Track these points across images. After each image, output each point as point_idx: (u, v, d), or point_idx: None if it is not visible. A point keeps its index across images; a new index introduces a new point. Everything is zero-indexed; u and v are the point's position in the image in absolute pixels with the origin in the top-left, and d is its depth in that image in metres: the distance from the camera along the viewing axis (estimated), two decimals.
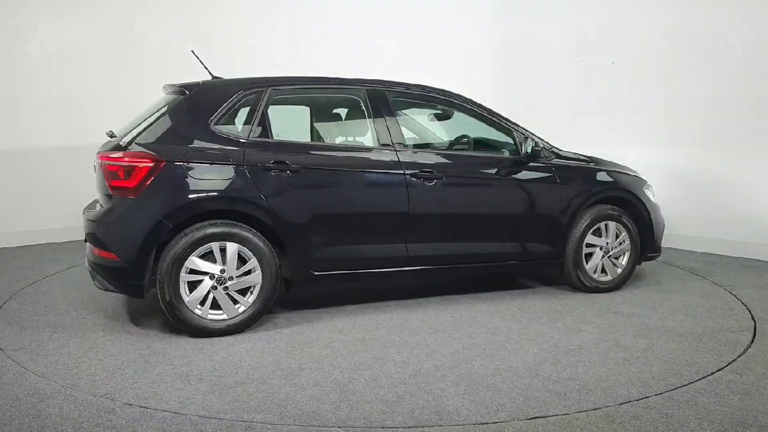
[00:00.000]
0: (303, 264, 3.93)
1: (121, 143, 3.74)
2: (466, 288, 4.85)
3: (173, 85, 3.98)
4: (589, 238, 4.72)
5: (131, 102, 4.21)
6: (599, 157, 5.12)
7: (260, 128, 3.90)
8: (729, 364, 3.38)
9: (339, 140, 4.54)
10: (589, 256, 4.75)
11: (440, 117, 4.93)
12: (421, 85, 4.48)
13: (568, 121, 7.14)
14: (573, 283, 4.78)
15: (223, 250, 3.70)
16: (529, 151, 4.42)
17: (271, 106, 4.04)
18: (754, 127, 6.01)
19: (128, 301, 4.34)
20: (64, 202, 3.93)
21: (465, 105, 4.54)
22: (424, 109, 4.78)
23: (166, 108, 3.86)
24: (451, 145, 4.78)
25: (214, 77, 4.25)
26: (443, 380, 3.11)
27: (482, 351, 3.53)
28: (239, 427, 2.57)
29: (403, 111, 4.62)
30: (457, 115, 4.65)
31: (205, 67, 4.30)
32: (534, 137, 4.56)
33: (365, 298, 4.54)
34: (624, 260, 4.88)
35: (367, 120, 4.22)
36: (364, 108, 4.23)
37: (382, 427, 2.62)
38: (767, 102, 5.89)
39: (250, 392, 2.95)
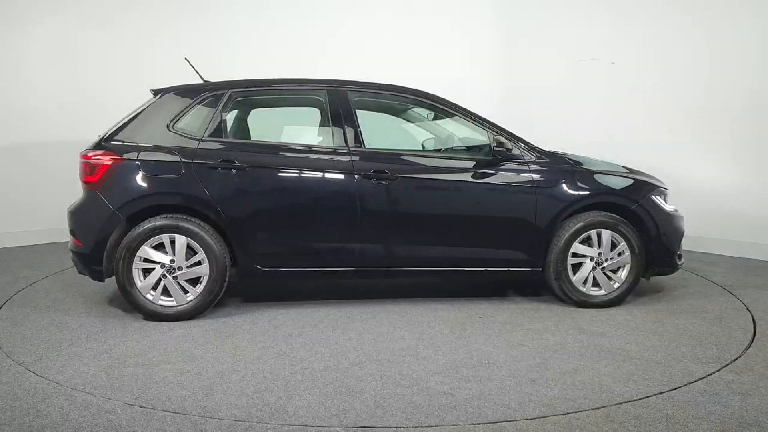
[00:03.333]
0: (247, 258, 4.10)
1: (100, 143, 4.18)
2: (447, 293, 4.71)
3: (153, 88, 4.36)
4: (577, 248, 4.33)
5: (133, 103, 4.59)
6: (601, 159, 4.68)
7: (215, 128, 4.14)
8: (729, 364, 3.34)
9: (297, 140, 4.61)
10: (579, 266, 4.37)
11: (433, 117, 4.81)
12: (391, 85, 4.43)
13: (569, 123, 7.03)
14: (558, 295, 4.43)
15: (173, 242, 4.00)
16: (491, 152, 4.18)
17: (231, 108, 4.27)
18: (754, 127, 6.02)
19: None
20: (63, 203, 4.28)
21: (436, 104, 4.41)
22: (393, 109, 4.70)
23: (140, 109, 4.24)
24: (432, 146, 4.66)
25: (205, 82, 4.57)
26: (317, 382, 3.10)
27: (390, 356, 3.45)
28: (239, 427, 2.62)
29: (375, 111, 4.60)
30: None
31: (198, 73, 4.61)
32: (506, 137, 4.30)
33: (339, 295, 4.63)
34: (623, 274, 4.41)
35: (327, 120, 4.26)
36: (324, 108, 4.29)
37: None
38: (767, 102, 5.91)
39: (135, 374, 3.18)
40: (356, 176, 4.10)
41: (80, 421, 2.64)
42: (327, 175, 4.13)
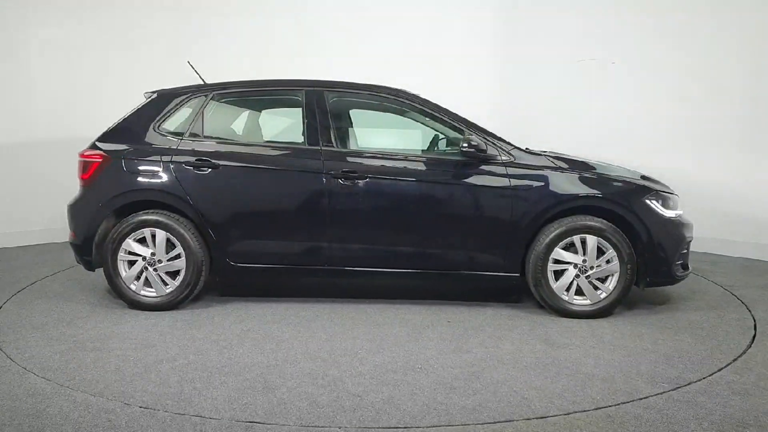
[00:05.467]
0: (221, 254, 4.26)
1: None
2: (430, 295, 4.64)
3: (146, 91, 4.63)
4: (559, 253, 4.11)
5: (133, 104, 4.74)
6: (595, 160, 4.43)
7: (195, 128, 4.33)
8: (729, 364, 3.36)
9: (273, 140, 4.70)
10: (562, 273, 4.15)
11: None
12: (369, 85, 4.41)
13: (568, 122, 6.95)
14: (540, 303, 4.24)
15: (154, 236, 4.23)
16: (460, 152, 4.08)
17: (213, 109, 4.44)
18: (754, 127, 6.09)
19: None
20: (63, 203, 4.35)
21: (415, 104, 4.34)
22: (371, 109, 4.67)
23: (132, 110, 4.52)
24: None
25: (205, 84, 4.79)
26: (239, 376, 3.16)
27: (328, 355, 3.46)
28: (240, 427, 2.63)
29: (350, 111, 4.61)
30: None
31: (200, 76, 4.83)
32: (483, 138, 4.16)
33: (322, 292, 4.69)
34: (611, 283, 4.13)
35: (301, 120, 4.32)
36: (300, 108, 4.35)
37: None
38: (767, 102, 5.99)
39: (84, 357, 3.40)
40: (325, 176, 4.14)
41: (80, 421, 2.66)
42: (297, 174, 4.19)
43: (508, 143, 4.25)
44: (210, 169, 4.21)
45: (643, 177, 4.39)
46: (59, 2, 6.78)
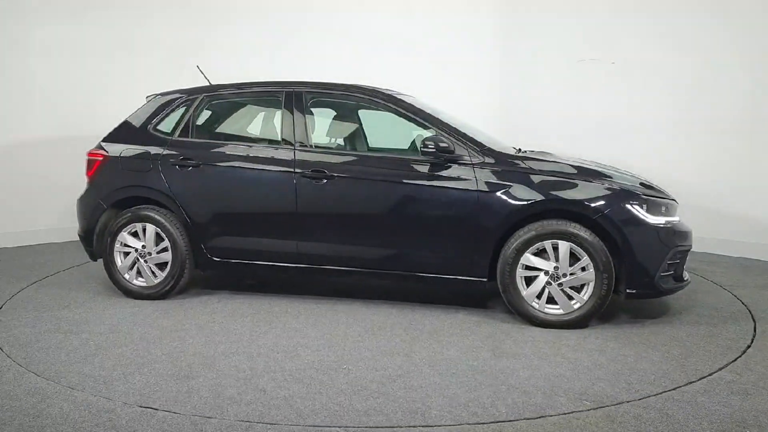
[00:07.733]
0: (201, 248, 4.46)
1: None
2: (414, 297, 4.59)
3: (147, 95, 4.94)
4: (529, 259, 3.93)
5: (135, 105, 4.95)
6: (593, 162, 4.21)
7: (185, 129, 4.57)
8: (729, 364, 3.36)
9: (253, 140, 4.79)
10: (534, 280, 3.96)
11: None
12: (345, 85, 4.45)
13: (568, 123, 6.82)
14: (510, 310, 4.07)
15: (145, 230, 4.52)
16: (421, 152, 4.00)
17: (203, 110, 4.67)
18: (754, 126, 6.04)
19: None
20: (64, 202, 4.41)
21: (389, 104, 4.31)
22: (349, 108, 4.67)
23: (134, 112, 4.85)
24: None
25: (199, 87, 5.02)
26: (170, 365, 3.30)
27: (266, 351, 3.53)
28: (239, 427, 2.63)
29: (328, 111, 4.65)
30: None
31: (207, 79, 5.10)
32: (455, 139, 4.07)
33: (309, 290, 4.79)
34: (586, 293, 3.88)
35: (281, 120, 4.44)
36: (280, 109, 4.47)
37: (380, 427, 2.66)
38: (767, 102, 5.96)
39: (52, 338, 3.70)
40: (296, 175, 4.22)
41: (80, 421, 2.67)
42: (270, 173, 4.30)
43: (482, 144, 4.12)
44: (192, 168, 4.43)
45: (643, 184, 4.08)
46: (61, 2, 6.75)
